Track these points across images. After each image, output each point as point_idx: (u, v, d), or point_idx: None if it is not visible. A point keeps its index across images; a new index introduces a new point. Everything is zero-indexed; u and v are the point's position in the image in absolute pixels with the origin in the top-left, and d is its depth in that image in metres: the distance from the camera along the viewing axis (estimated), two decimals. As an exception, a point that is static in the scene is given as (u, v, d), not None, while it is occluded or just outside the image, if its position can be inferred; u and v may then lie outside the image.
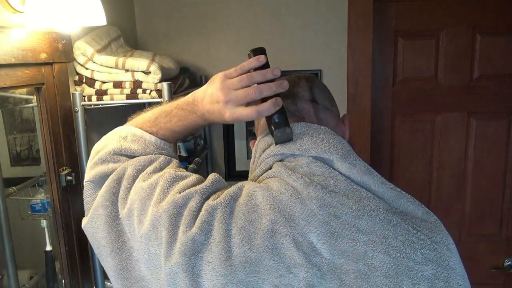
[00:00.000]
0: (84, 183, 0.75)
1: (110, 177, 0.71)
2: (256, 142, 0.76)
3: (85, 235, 0.75)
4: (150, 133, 0.77)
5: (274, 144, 0.70)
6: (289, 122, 0.70)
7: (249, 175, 0.76)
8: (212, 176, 0.69)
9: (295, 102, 0.75)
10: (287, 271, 0.57)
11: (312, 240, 0.59)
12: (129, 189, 0.69)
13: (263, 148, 0.72)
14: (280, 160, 0.69)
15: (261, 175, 0.70)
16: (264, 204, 0.62)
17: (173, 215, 0.62)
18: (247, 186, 0.67)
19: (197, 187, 0.66)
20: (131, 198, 0.67)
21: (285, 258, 0.58)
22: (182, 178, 0.68)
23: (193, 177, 0.69)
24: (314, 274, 0.57)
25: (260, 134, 0.77)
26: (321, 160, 0.66)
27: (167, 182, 0.67)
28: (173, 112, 0.76)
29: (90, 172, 0.75)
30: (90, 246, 1.21)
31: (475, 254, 1.90)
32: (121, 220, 0.68)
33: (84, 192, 0.75)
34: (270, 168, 0.70)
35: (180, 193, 0.65)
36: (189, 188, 0.66)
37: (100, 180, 0.73)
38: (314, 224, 0.59)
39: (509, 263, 1.90)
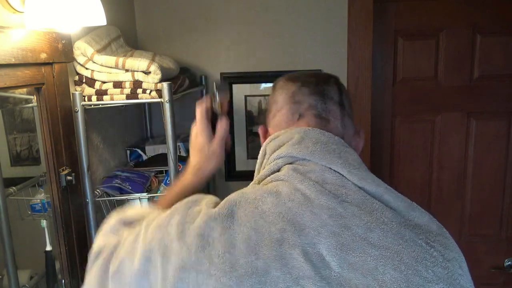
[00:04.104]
0: None
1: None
2: (267, 142, 0.74)
3: (85, 235, 0.74)
4: None
5: (284, 145, 0.69)
6: (315, 123, 0.72)
7: (255, 174, 0.74)
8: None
9: (324, 101, 0.73)
10: (295, 283, 0.55)
11: (321, 252, 0.56)
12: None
13: (273, 149, 0.70)
14: (290, 163, 0.67)
15: (269, 175, 0.68)
16: (273, 212, 0.59)
17: (163, 239, 0.60)
18: (252, 190, 0.64)
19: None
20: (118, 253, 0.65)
21: (293, 269, 0.55)
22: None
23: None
24: (322, 287, 0.55)
25: (271, 134, 0.75)
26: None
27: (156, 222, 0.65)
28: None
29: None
30: (90, 246, 1.21)
31: (475, 254, 1.90)
32: (109, 277, 0.65)
33: None
34: (279, 170, 0.68)
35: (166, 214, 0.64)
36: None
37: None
38: (324, 235, 0.57)
39: (509, 263, 1.90)
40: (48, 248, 1.11)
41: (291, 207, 0.60)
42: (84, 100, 1.21)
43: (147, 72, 1.22)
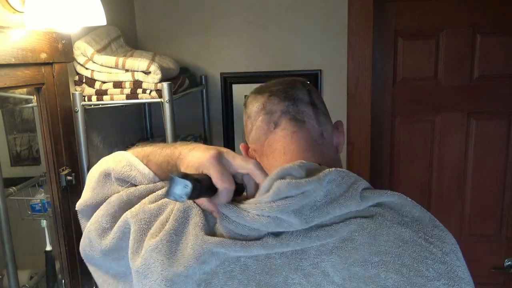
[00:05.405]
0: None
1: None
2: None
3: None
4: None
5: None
6: (291, 127, 0.70)
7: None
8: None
9: (295, 104, 0.73)
10: None
11: (326, 270, 0.56)
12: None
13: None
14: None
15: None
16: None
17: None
18: None
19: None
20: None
21: None
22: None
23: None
24: None
25: (253, 150, 0.75)
26: None
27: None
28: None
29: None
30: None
31: (475, 254, 1.90)
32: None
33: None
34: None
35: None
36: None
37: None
38: (326, 253, 0.57)
39: (509, 263, 1.90)
40: (48, 248, 1.11)
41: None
42: (84, 100, 1.21)
43: (147, 72, 1.22)
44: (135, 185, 0.69)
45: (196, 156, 0.61)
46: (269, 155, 0.72)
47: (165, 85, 1.21)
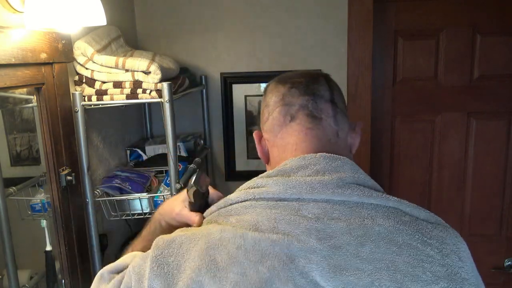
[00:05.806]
0: None
1: None
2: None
3: (85, 235, 0.74)
4: None
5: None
6: (307, 123, 0.71)
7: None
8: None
9: (315, 100, 0.71)
10: None
11: (315, 279, 0.54)
12: None
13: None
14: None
15: (242, 201, 0.64)
16: (257, 249, 0.56)
17: None
18: (229, 227, 0.60)
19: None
20: None
21: None
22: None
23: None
24: None
25: (266, 138, 0.75)
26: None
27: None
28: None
29: None
30: (90, 246, 1.22)
31: (475, 254, 1.87)
32: None
33: None
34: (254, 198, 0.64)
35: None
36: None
37: None
38: (316, 261, 0.55)
39: (509, 263, 1.90)
40: (48, 248, 1.11)
41: (275, 240, 0.57)
42: (84, 100, 1.21)
43: (147, 72, 1.22)
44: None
45: (173, 197, 0.78)
46: (280, 147, 0.72)
47: (165, 85, 1.20)
